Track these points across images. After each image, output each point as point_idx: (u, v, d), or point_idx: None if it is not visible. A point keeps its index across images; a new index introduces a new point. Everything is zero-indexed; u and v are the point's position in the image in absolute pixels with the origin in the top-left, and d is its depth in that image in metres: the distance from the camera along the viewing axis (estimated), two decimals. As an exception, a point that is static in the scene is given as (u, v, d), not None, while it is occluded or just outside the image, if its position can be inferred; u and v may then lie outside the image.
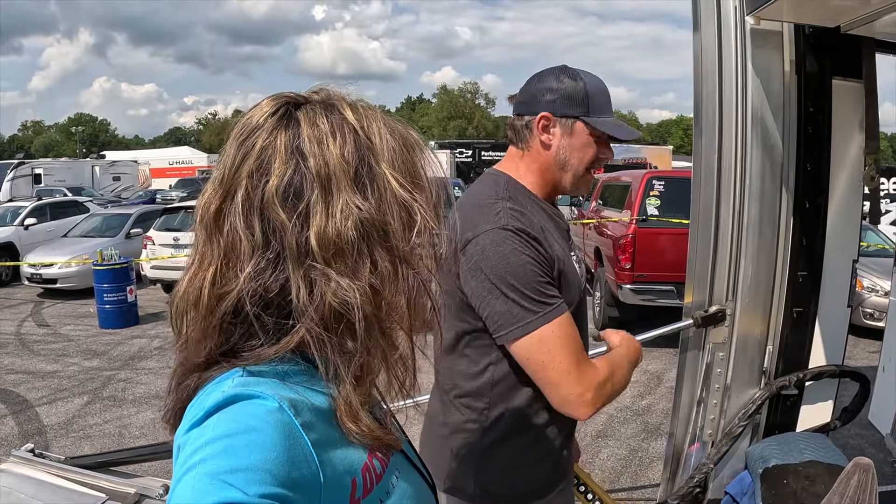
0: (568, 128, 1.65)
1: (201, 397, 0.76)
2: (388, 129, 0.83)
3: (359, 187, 0.78)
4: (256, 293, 0.77)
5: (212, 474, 0.65)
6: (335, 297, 0.76)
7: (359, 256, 0.78)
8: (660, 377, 7.17)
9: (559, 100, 1.65)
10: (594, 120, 1.64)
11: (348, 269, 0.77)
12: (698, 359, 2.91)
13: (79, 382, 7.25)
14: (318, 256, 0.76)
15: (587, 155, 1.67)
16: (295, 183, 0.77)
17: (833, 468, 2.53)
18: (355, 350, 0.78)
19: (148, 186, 35.53)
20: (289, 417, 0.73)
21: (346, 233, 0.76)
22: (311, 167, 0.77)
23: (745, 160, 2.66)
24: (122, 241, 12.65)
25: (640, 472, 4.89)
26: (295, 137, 0.79)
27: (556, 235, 1.66)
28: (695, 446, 2.96)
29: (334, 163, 0.78)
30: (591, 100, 1.64)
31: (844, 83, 2.67)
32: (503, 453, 1.67)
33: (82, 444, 5.47)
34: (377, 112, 0.85)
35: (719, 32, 2.60)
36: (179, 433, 0.73)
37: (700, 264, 2.82)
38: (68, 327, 9.93)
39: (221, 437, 0.69)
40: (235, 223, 0.78)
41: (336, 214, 0.77)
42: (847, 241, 2.89)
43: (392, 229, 0.79)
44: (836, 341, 2.97)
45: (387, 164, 0.81)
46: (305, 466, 0.72)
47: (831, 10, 2.37)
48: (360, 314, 0.77)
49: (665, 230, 8.33)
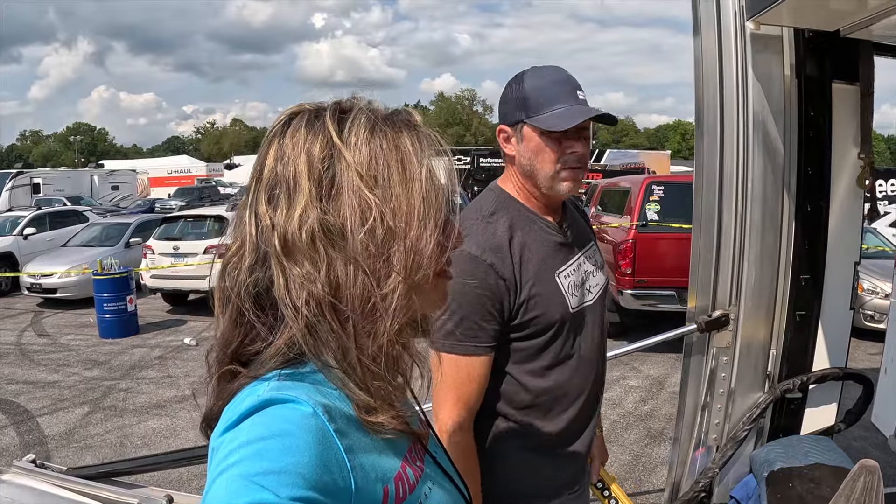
0: (519, 134, 1.65)
1: (237, 401, 0.78)
2: (381, 132, 0.84)
3: (319, 187, 0.80)
4: (249, 288, 0.82)
5: (244, 476, 0.67)
6: (301, 289, 0.79)
7: (314, 253, 0.79)
8: (661, 382, 7.16)
9: (507, 109, 1.66)
10: (534, 119, 1.61)
11: (311, 266, 0.79)
12: (702, 363, 2.90)
13: (79, 392, 7.25)
14: (281, 252, 0.79)
15: (545, 155, 1.62)
16: (272, 184, 0.82)
17: (838, 471, 2.52)
18: (337, 342, 0.80)
19: (147, 195, 35.56)
20: (322, 423, 0.74)
21: (302, 230, 0.79)
22: (284, 169, 0.81)
23: (746, 164, 2.66)
24: (121, 250, 12.67)
25: (644, 478, 4.88)
26: (281, 144, 0.83)
27: (541, 253, 1.66)
28: (699, 451, 2.95)
29: (301, 164, 0.81)
30: (528, 100, 1.61)
31: (844, 86, 2.68)
32: (501, 458, 1.68)
33: (84, 455, 5.46)
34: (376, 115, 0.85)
35: (719, 37, 2.60)
36: (214, 436, 0.75)
37: (703, 269, 2.82)
38: (68, 337, 9.93)
39: (255, 440, 0.70)
40: (244, 219, 0.84)
41: (294, 214, 0.79)
42: (848, 243, 2.89)
43: (350, 231, 0.80)
44: (840, 344, 2.96)
45: (354, 164, 0.81)
46: (337, 472, 0.73)
47: (831, 14, 2.37)
48: (325, 305, 0.79)
49: (665, 235, 8.34)
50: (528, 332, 1.64)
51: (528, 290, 1.60)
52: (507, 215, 1.65)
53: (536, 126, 1.61)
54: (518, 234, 1.63)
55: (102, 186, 32.81)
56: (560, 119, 1.58)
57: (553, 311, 1.64)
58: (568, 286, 1.68)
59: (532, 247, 1.64)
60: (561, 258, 1.70)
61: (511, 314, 1.61)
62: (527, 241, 1.63)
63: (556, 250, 1.70)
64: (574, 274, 1.71)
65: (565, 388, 1.70)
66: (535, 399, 1.67)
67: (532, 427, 1.68)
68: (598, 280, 1.80)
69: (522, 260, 1.61)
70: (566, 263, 1.70)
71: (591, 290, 1.77)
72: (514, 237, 1.62)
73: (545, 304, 1.63)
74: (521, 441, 1.68)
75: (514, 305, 1.60)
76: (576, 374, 1.71)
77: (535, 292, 1.61)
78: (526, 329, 1.63)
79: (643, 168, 28.77)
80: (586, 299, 1.75)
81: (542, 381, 1.67)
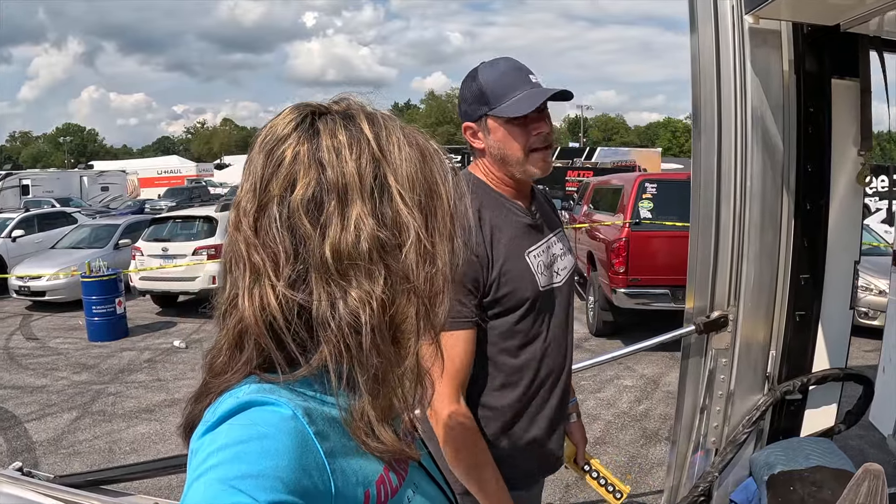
0: (484, 127, 1.72)
1: (216, 404, 0.76)
2: (406, 141, 0.82)
3: (371, 200, 0.78)
4: (289, 306, 0.77)
5: (222, 480, 0.66)
6: (348, 308, 0.76)
7: (370, 269, 0.77)
8: (656, 381, 7.13)
9: (468, 106, 1.73)
10: (496, 110, 1.68)
11: (361, 281, 0.76)
12: (700, 365, 2.85)
13: (68, 397, 7.16)
14: (332, 269, 0.75)
15: (515, 142, 1.69)
16: (316, 194, 0.76)
17: (840, 473, 2.49)
18: (371, 363, 0.77)
19: (136, 196, 35.43)
20: (302, 425, 0.73)
21: (359, 245, 0.76)
22: (329, 178, 0.77)
23: (745, 161, 2.62)
24: (110, 252, 12.56)
25: (640, 479, 4.84)
26: (317, 148, 0.78)
27: (511, 232, 1.72)
28: (698, 454, 2.91)
29: (350, 174, 0.77)
30: (487, 94, 1.68)
31: (844, 82, 2.63)
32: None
33: (72, 461, 5.38)
34: (396, 123, 0.83)
35: (717, 32, 2.55)
36: (194, 438, 0.74)
37: (701, 269, 2.77)
38: (57, 340, 9.83)
39: (234, 443, 0.69)
40: (272, 234, 0.77)
41: (350, 227, 0.76)
42: (848, 241, 2.85)
43: (400, 244, 0.79)
44: (840, 344, 2.92)
45: (395, 178, 0.79)
46: (317, 475, 0.72)
47: (832, 7, 2.33)
48: (371, 327, 0.76)
49: (658, 233, 8.32)
50: (500, 310, 1.70)
51: (500, 267, 1.67)
52: (476, 198, 1.70)
53: (500, 116, 1.68)
54: (487, 214, 1.70)
55: (92, 187, 32.74)
56: (520, 104, 1.66)
57: (524, 287, 1.71)
58: (537, 266, 1.76)
59: (502, 227, 1.72)
60: (531, 239, 1.78)
61: (485, 291, 1.67)
62: (497, 222, 1.72)
63: (526, 231, 1.78)
64: (543, 255, 1.79)
65: (536, 367, 1.76)
66: (507, 378, 1.73)
67: (505, 409, 1.74)
68: (566, 263, 1.88)
69: (493, 239, 1.68)
70: (536, 244, 1.79)
71: (559, 273, 1.84)
72: (483, 218, 1.69)
73: (516, 280, 1.70)
74: (496, 427, 1.74)
75: (488, 282, 1.66)
76: (546, 354, 1.78)
77: (507, 269, 1.68)
78: (498, 306, 1.69)
79: (634, 166, 28.77)
80: (555, 280, 1.82)
81: (513, 360, 1.73)
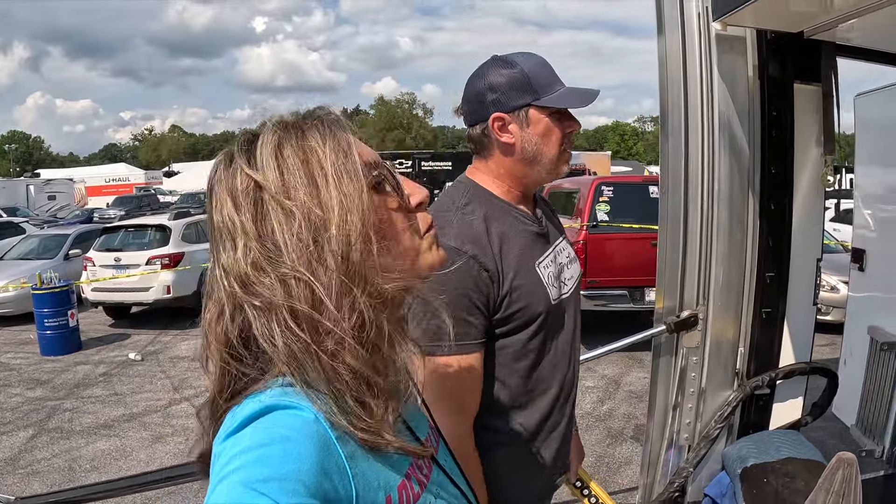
0: (523, 119, 1.59)
1: (238, 407, 0.77)
2: (288, 148, 0.83)
3: (256, 222, 0.81)
4: (236, 336, 0.82)
5: (245, 483, 0.67)
6: (271, 321, 0.79)
7: (268, 280, 0.79)
8: (617, 381, 7.23)
9: (503, 94, 1.58)
10: (546, 100, 1.57)
11: (270, 293, 0.79)
12: (672, 364, 2.91)
13: (23, 414, 6.93)
14: (243, 294, 0.80)
15: (553, 137, 1.60)
16: (217, 234, 0.83)
17: (810, 464, 2.56)
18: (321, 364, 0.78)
19: (84, 205, 34.49)
20: (324, 429, 0.74)
21: (248, 267, 0.79)
22: (221, 216, 0.83)
23: (712, 164, 2.68)
24: (60, 262, 12.20)
25: (609, 478, 4.91)
26: (214, 193, 0.85)
27: (520, 243, 1.62)
28: (671, 451, 2.96)
29: (229, 209, 0.81)
30: (533, 81, 1.57)
31: (805, 87, 2.72)
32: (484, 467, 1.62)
33: (31, 482, 5.22)
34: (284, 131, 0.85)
35: (684, 38, 2.60)
36: (217, 441, 0.75)
37: (670, 269, 2.82)
38: (8, 355, 9.49)
39: (256, 447, 0.70)
40: (214, 273, 0.85)
41: (239, 254, 0.80)
42: (811, 240, 2.94)
43: (283, 244, 0.80)
44: (804, 339, 3.02)
45: (271, 187, 0.81)
46: (338, 479, 0.73)
47: (796, 16, 2.40)
48: (301, 328, 0.78)
49: (615, 235, 8.44)
50: (511, 327, 1.59)
51: (511, 282, 1.55)
52: (481, 207, 1.61)
53: (547, 107, 1.57)
54: (494, 224, 1.59)
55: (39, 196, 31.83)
56: (573, 98, 1.57)
57: (536, 302, 1.60)
58: (548, 277, 1.65)
59: (510, 237, 1.60)
60: (539, 248, 1.67)
61: (495, 307, 1.55)
62: (504, 232, 1.59)
63: (534, 240, 1.67)
64: (552, 265, 1.68)
65: (545, 383, 1.66)
66: (516, 399, 1.63)
67: (511, 430, 1.63)
68: (573, 272, 1.78)
69: (502, 251, 1.56)
70: (544, 254, 1.67)
71: (567, 283, 1.74)
72: (490, 228, 1.57)
73: (528, 295, 1.58)
74: (502, 447, 1.64)
75: (498, 297, 1.54)
76: (555, 369, 1.67)
77: (518, 284, 1.57)
78: (509, 323, 1.58)
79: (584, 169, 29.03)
80: (563, 291, 1.71)
81: (523, 379, 1.62)
